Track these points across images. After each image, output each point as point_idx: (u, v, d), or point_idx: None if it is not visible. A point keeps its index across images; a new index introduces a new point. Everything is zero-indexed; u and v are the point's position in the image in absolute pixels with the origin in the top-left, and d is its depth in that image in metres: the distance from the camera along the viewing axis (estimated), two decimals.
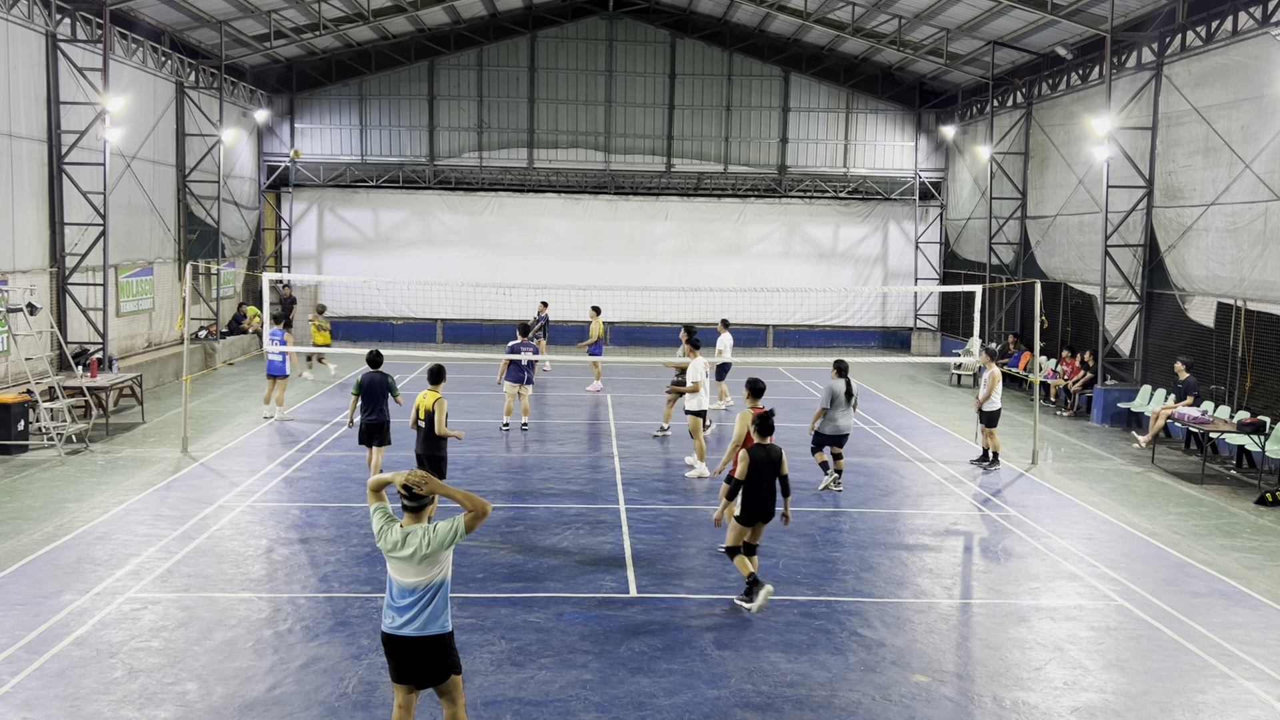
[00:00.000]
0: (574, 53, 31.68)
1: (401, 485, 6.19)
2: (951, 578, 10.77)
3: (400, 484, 6.19)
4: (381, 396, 13.27)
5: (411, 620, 6.17)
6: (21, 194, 18.52)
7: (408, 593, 6.19)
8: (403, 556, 6.14)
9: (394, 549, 6.16)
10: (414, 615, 6.17)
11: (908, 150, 32.44)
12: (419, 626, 6.18)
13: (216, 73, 26.36)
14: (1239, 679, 8.32)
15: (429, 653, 6.23)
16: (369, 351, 13.59)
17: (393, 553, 6.17)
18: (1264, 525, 12.98)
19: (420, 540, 6.12)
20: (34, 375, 17.11)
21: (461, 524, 6.15)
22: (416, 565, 6.15)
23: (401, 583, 6.21)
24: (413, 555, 6.12)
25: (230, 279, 28.98)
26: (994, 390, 15.42)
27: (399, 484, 6.20)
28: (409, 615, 6.18)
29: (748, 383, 10.87)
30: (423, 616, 6.18)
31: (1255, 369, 17.05)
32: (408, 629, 6.19)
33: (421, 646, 6.20)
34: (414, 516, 6.26)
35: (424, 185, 31.97)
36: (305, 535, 11.62)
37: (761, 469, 9.39)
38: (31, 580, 9.93)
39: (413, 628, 6.18)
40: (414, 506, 6.23)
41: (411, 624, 6.18)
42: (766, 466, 9.42)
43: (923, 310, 33.22)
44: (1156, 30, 19.46)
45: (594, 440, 17.46)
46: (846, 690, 7.96)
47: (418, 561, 6.13)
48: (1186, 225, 18.83)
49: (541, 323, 24.76)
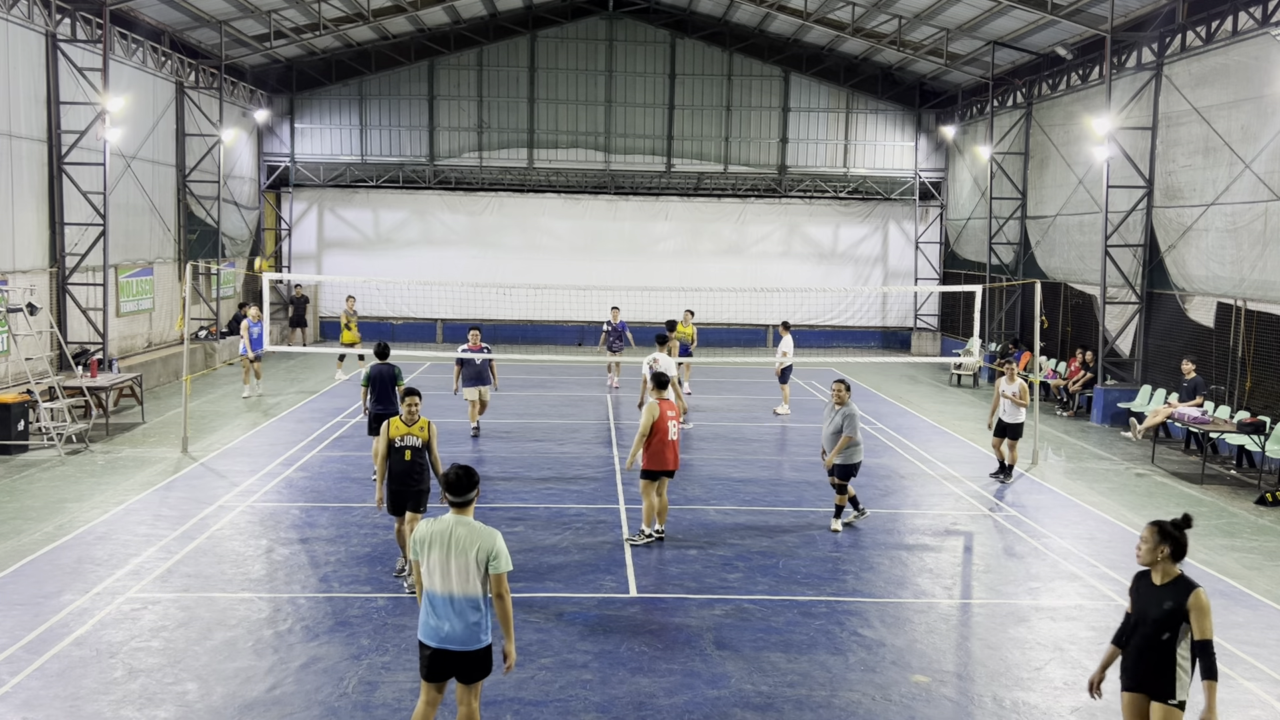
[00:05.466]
0: (574, 53, 31.68)
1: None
2: (951, 578, 10.77)
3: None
4: (390, 387, 13.51)
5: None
6: (21, 194, 18.52)
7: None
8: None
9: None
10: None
11: (908, 150, 32.44)
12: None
13: (216, 73, 26.36)
14: (1239, 679, 8.32)
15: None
16: (377, 344, 13.97)
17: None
18: (1264, 525, 12.98)
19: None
20: (34, 375, 17.12)
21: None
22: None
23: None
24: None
25: (230, 279, 28.98)
26: (1026, 400, 14.72)
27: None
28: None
29: (653, 376, 11.81)
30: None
31: (1255, 369, 17.05)
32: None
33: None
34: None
35: (424, 185, 31.98)
36: (305, 535, 11.62)
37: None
38: (31, 580, 9.93)
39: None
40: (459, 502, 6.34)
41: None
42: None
43: (923, 310, 33.22)
44: (1156, 30, 19.46)
45: (594, 440, 17.45)
46: (846, 690, 7.95)
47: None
48: (1186, 225, 18.83)
49: (619, 330, 22.40)
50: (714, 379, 24.60)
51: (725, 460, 16.08)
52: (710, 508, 13.22)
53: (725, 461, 16.00)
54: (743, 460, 16.18)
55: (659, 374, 11.77)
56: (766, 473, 15.39)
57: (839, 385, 12.40)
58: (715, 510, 13.13)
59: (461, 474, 6.29)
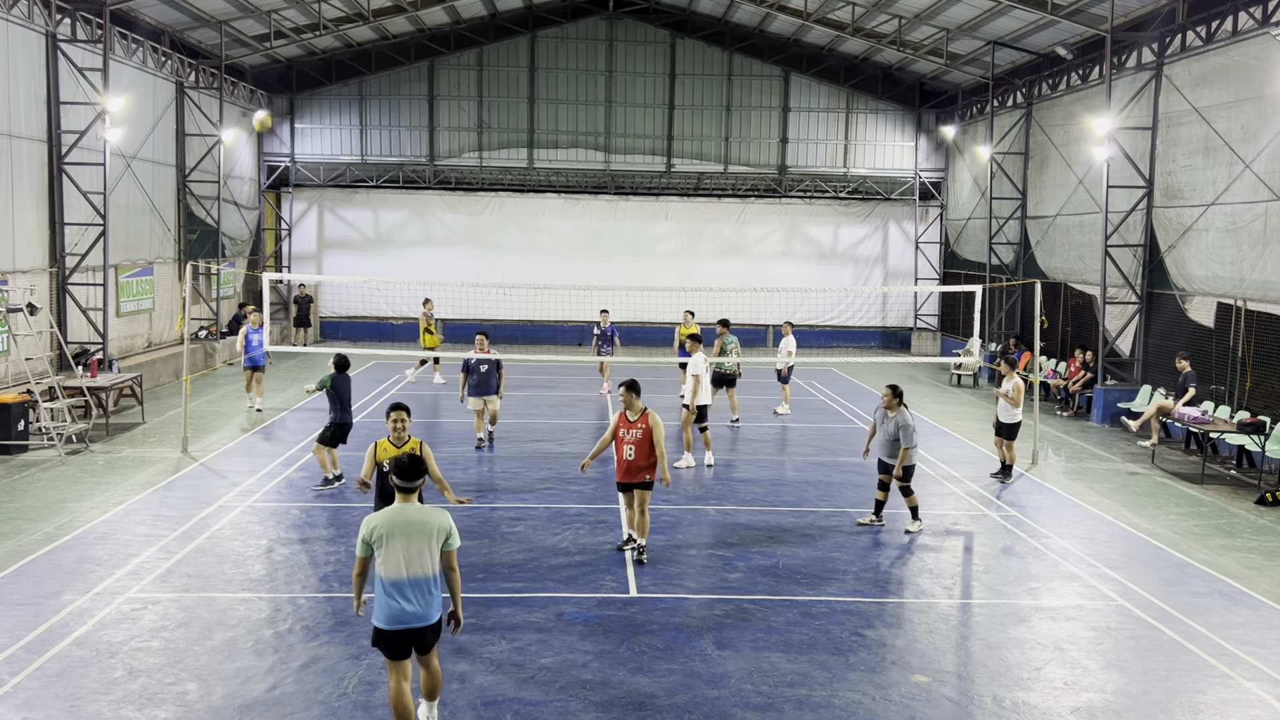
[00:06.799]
0: (574, 53, 31.68)
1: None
2: (951, 578, 10.77)
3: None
4: (350, 398, 13.73)
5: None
6: (21, 194, 18.52)
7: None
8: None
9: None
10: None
11: (908, 150, 32.44)
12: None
13: (216, 73, 26.36)
14: (1239, 679, 8.32)
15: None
16: (338, 356, 13.87)
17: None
18: (1264, 525, 12.98)
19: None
20: (34, 375, 17.12)
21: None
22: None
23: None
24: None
25: (230, 279, 28.99)
26: (1019, 400, 14.78)
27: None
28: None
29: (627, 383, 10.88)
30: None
31: (1255, 369, 17.05)
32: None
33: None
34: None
35: (424, 185, 31.98)
36: (305, 535, 11.62)
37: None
38: (31, 580, 9.93)
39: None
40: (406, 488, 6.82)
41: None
42: None
43: (923, 310, 33.22)
44: (1156, 30, 19.46)
45: (594, 440, 17.44)
46: (846, 690, 7.95)
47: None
48: (1186, 225, 18.83)
49: (608, 334, 21.80)
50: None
51: (725, 460, 16.08)
52: (710, 508, 13.22)
53: (725, 461, 16.00)
54: (743, 460, 16.19)
55: (632, 381, 10.93)
56: (766, 473, 15.39)
57: (889, 391, 12.21)
58: (715, 510, 13.13)
59: (408, 461, 6.77)
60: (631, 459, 10.65)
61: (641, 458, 10.65)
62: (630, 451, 10.65)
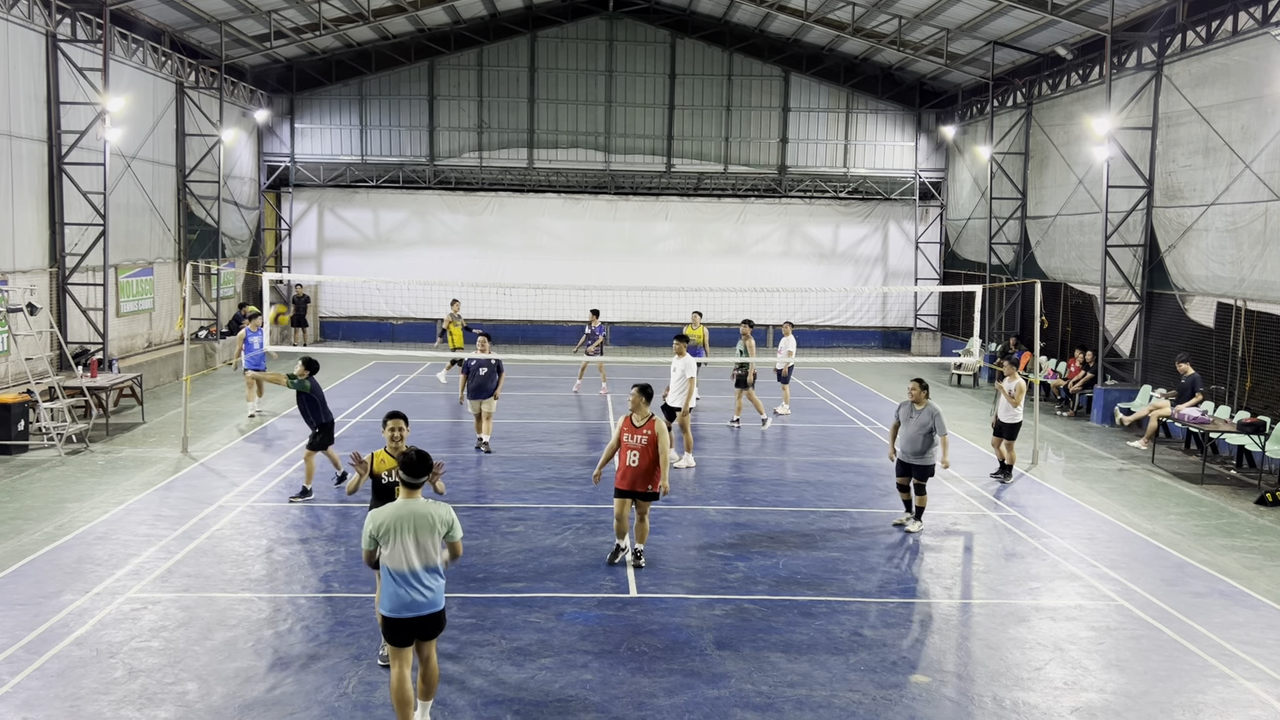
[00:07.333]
0: (574, 53, 31.68)
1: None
2: (951, 578, 10.77)
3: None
4: (324, 398, 13.56)
5: None
6: (21, 194, 18.52)
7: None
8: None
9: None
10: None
11: (908, 150, 32.44)
12: None
13: (216, 73, 26.36)
14: (1239, 679, 8.32)
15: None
16: (308, 359, 13.49)
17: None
18: (1264, 525, 12.98)
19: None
20: (34, 375, 17.11)
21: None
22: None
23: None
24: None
25: (230, 279, 28.99)
26: (1020, 400, 14.75)
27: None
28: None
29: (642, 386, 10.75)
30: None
31: (1255, 369, 17.05)
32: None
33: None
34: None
35: (424, 185, 31.98)
36: (305, 535, 11.62)
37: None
38: (31, 580, 9.93)
39: None
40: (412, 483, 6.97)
41: None
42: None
43: (923, 310, 33.22)
44: (1156, 30, 19.46)
45: (594, 440, 17.45)
46: (846, 690, 7.95)
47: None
48: (1186, 225, 18.83)
49: (598, 335, 21.82)
50: (714, 379, 24.58)
51: (725, 460, 16.08)
52: (710, 508, 13.22)
53: (725, 461, 16.00)
54: (743, 460, 16.19)
55: (644, 386, 10.85)
56: (767, 473, 15.39)
57: (915, 384, 12.35)
58: (715, 510, 13.13)
59: (416, 457, 6.92)
60: (635, 465, 10.48)
61: (645, 464, 10.50)
62: (634, 458, 10.47)
